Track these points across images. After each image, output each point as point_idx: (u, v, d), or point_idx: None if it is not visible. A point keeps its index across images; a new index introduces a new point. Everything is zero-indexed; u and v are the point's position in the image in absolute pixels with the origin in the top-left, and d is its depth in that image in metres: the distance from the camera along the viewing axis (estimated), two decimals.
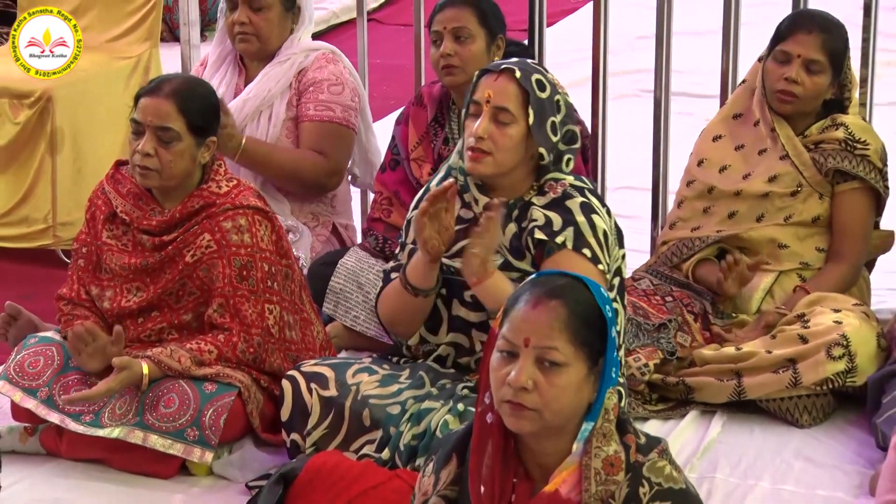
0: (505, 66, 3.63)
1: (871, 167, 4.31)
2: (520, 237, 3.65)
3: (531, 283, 2.68)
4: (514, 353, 2.62)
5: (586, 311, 2.63)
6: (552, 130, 3.63)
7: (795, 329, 4.11)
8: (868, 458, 3.90)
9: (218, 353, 3.83)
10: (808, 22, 4.34)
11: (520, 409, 2.59)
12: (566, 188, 3.65)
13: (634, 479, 2.62)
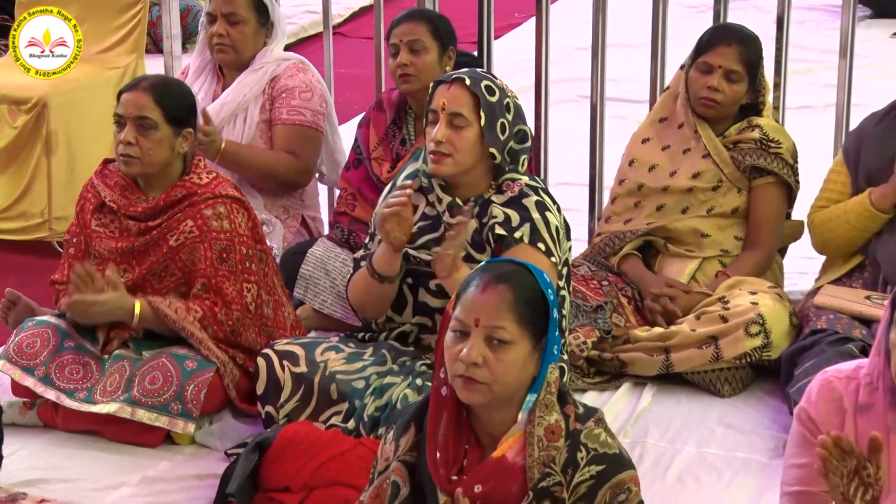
0: (456, 76, 3.63)
1: (783, 164, 4.34)
2: (481, 232, 3.65)
3: (481, 270, 2.69)
4: (466, 332, 2.62)
5: (531, 295, 2.64)
6: (503, 130, 3.63)
7: (717, 310, 4.14)
8: (782, 424, 3.92)
9: (202, 314, 3.85)
10: (727, 35, 4.36)
11: (471, 383, 2.60)
12: (522, 187, 3.66)
13: (573, 445, 2.63)
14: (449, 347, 2.64)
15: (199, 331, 3.84)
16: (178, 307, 3.84)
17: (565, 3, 7.60)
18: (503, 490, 2.62)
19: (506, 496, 2.63)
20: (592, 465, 2.62)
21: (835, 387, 2.77)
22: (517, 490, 2.62)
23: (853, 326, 3.98)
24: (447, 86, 3.62)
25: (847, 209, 4.17)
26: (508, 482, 2.62)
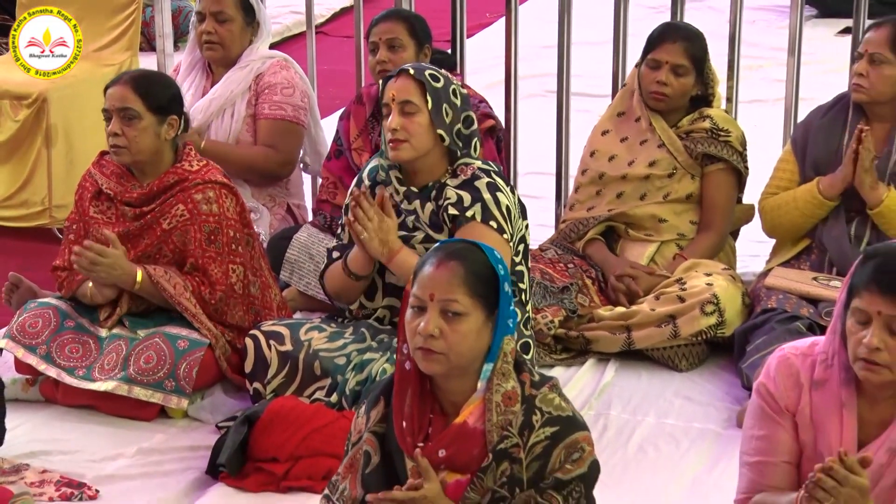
0: (402, 69, 3.66)
1: (733, 151, 4.35)
2: (437, 214, 3.66)
3: (435, 249, 2.70)
4: (423, 307, 2.63)
5: (481, 270, 2.64)
6: (449, 113, 3.64)
7: (674, 291, 4.15)
8: (735, 396, 3.95)
9: (193, 289, 3.86)
10: (673, 33, 4.36)
11: (430, 354, 2.61)
12: (475, 171, 3.66)
13: (528, 409, 2.63)
14: (408, 322, 2.65)
15: (193, 306, 3.85)
16: (177, 283, 3.85)
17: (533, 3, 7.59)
18: (465, 453, 2.63)
19: (468, 459, 2.63)
20: (547, 426, 2.62)
21: (792, 363, 2.77)
22: (478, 453, 2.63)
23: (801, 305, 4.00)
24: (394, 79, 3.65)
25: (796, 197, 4.18)
26: (470, 446, 2.63)
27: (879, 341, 2.60)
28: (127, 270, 3.83)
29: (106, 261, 3.81)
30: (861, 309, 2.63)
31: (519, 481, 2.62)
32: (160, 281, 3.83)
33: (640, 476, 3.60)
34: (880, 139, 4.10)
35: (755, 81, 5.82)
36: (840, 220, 4.12)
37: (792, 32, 4.59)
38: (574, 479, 2.62)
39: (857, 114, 4.14)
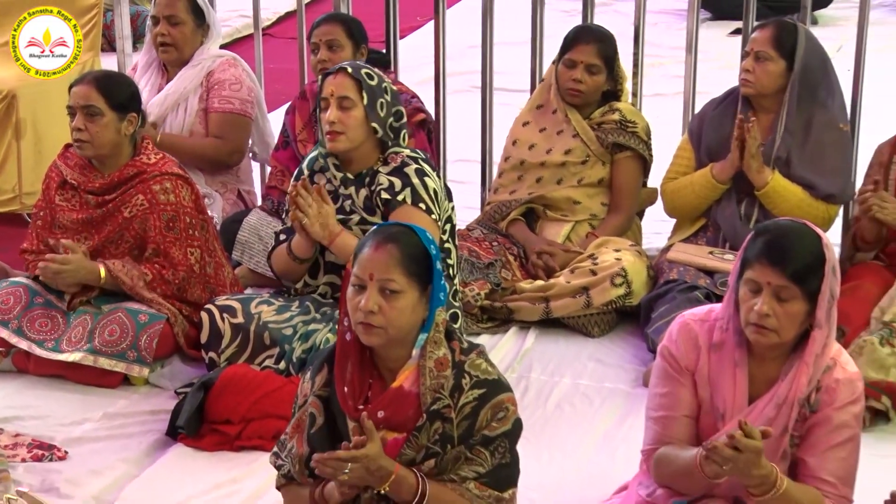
0: (340, 67, 3.64)
1: (639, 140, 4.36)
2: (371, 198, 3.65)
3: (373, 233, 2.68)
4: (363, 285, 2.61)
5: (415, 251, 2.63)
6: (382, 108, 3.62)
7: (587, 265, 4.16)
8: (642, 358, 3.97)
9: (152, 277, 3.82)
10: (587, 35, 4.37)
11: (370, 328, 2.60)
12: (404, 158, 3.65)
13: (458, 374, 2.63)
14: (350, 299, 2.63)
15: (148, 293, 3.81)
16: (134, 275, 3.80)
17: (459, 7, 7.58)
18: (402, 414, 2.62)
19: (404, 419, 2.63)
20: (475, 389, 2.62)
21: (691, 328, 2.79)
22: (413, 413, 2.62)
23: (699, 276, 4.03)
24: (333, 76, 3.62)
25: (693, 181, 4.21)
26: (406, 407, 2.62)
27: (769, 308, 2.62)
28: (90, 269, 3.79)
29: (69, 268, 3.78)
30: (753, 279, 2.65)
31: (450, 438, 2.62)
32: (119, 275, 3.79)
33: (558, 431, 3.62)
34: (765, 128, 4.13)
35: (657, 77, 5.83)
36: (731, 200, 4.15)
37: (689, 33, 4.61)
38: (499, 435, 2.63)
39: (746, 105, 4.17)
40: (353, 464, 2.52)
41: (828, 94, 4.12)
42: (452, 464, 2.62)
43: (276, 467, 2.76)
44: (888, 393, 3.57)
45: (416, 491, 2.59)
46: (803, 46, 4.05)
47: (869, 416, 3.48)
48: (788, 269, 2.61)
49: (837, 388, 2.68)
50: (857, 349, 3.61)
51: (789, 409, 2.68)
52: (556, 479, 3.34)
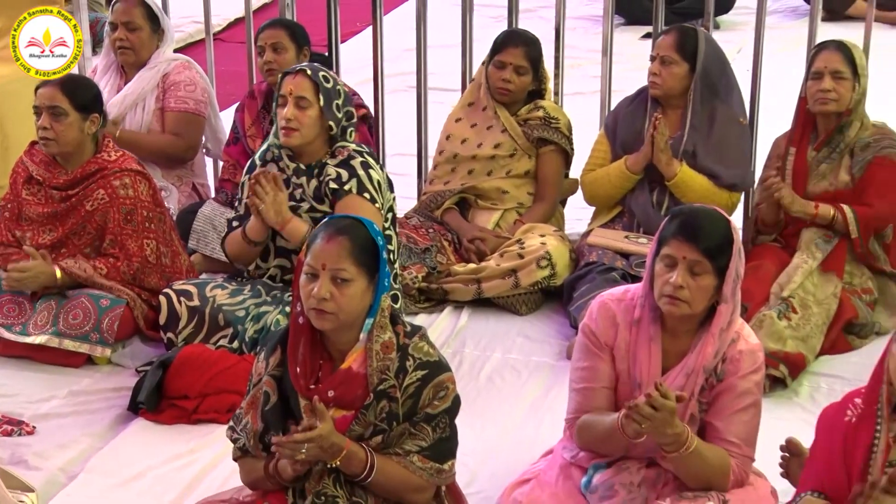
0: (300, 68, 3.62)
1: (562, 135, 4.37)
2: (319, 188, 3.63)
3: (324, 225, 2.66)
4: (316, 274, 2.59)
5: (364, 242, 2.61)
6: (336, 110, 3.61)
7: (515, 249, 4.17)
8: (565, 334, 3.99)
9: (107, 271, 3.78)
10: (515, 39, 4.36)
11: (322, 314, 2.57)
12: (350, 152, 3.64)
13: (403, 356, 2.62)
14: (303, 286, 2.61)
15: (106, 281, 3.77)
16: (87, 268, 3.76)
17: (395, 13, 7.54)
18: (350, 394, 2.61)
19: (352, 398, 2.61)
20: (418, 370, 2.61)
21: (609, 307, 2.81)
22: (361, 393, 2.60)
23: (616, 259, 4.05)
24: (293, 76, 3.60)
25: (609, 172, 4.22)
26: (354, 387, 2.60)
27: (683, 280, 2.65)
28: (49, 273, 3.74)
29: (28, 275, 3.73)
30: (669, 255, 2.67)
31: (395, 416, 2.61)
32: (74, 271, 3.75)
33: (490, 402, 3.62)
34: (673, 123, 4.16)
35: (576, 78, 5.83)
36: (644, 190, 4.17)
37: (605, 37, 4.62)
38: (441, 412, 2.62)
39: (655, 104, 4.19)
40: (309, 444, 2.50)
41: (727, 92, 4.16)
42: (397, 439, 2.62)
43: (233, 441, 2.74)
44: (785, 362, 3.62)
45: (365, 464, 2.58)
46: (703, 50, 4.08)
47: (768, 384, 3.53)
48: (702, 244, 2.63)
49: (741, 359, 2.71)
50: (758, 323, 3.65)
51: (696, 378, 2.70)
52: (488, 446, 3.34)
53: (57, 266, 3.75)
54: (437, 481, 2.65)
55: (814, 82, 3.87)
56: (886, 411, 2.37)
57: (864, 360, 3.65)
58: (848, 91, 3.85)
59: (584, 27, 7.33)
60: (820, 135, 3.96)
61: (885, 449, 2.34)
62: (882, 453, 2.34)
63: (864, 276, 3.92)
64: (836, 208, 3.84)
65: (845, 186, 3.91)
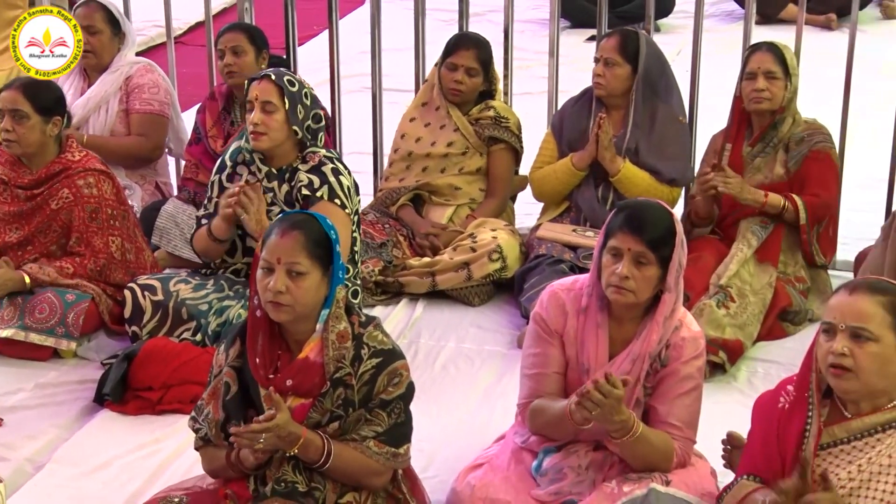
0: (265, 74, 3.59)
1: (511, 134, 4.37)
2: (291, 193, 3.60)
3: (279, 220, 2.64)
4: (272, 268, 2.57)
5: (318, 236, 2.60)
6: (302, 113, 3.57)
7: (468, 243, 4.16)
8: (516, 324, 3.99)
9: (73, 270, 3.73)
10: (466, 41, 4.35)
11: (279, 306, 2.56)
12: (321, 158, 3.61)
13: (358, 345, 2.61)
14: (259, 280, 2.59)
15: (71, 281, 3.72)
16: (50, 272, 3.71)
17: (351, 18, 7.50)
18: (308, 382, 2.59)
19: (310, 387, 2.59)
20: (373, 358, 2.60)
21: (559, 296, 2.81)
22: (318, 381, 2.59)
23: (564, 251, 4.06)
24: (258, 81, 3.56)
25: (556, 169, 4.23)
26: (311, 376, 2.59)
27: (628, 271, 2.65)
28: (16, 280, 3.68)
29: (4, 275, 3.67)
30: (615, 246, 2.68)
31: (352, 403, 2.59)
32: (38, 276, 3.69)
33: (444, 389, 3.62)
34: (616, 122, 4.17)
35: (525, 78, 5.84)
36: (590, 186, 4.18)
37: (551, 39, 4.62)
38: (395, 398, 2.61)
39: (599, 103, 4.20)
40: (266, 434, 2.48)
41: (668, 92, 4.18)
42: (354, 425, 2.61)
43: (195, 430, 2.71)
44: (724, 348, 3.65)
45: (323, 451, 2.56)
46: (644, 52, 4.10)
47: (708, 369, 3.55)
48: (646, 236, 2.64)
49: (683, 346, 2.72)
50: (699, 311, 3.67)
51: (642, 363, 2.71)
52: (443, 432, 3.34)
53: (25, 272, 3.68)
54: (394, 465, 2.64)
55: (748, 82, 3.91)
56: (817, 398, 2.39)
57: (797, 345, 3.69)
58: (780, 90, 3.89)
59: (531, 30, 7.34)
60: (755, 131, 3.99)
61: (816, 434, 2.36)
62: (814, 438, 2.36)
63: (797, 266, 3.96)
64: (786, 197, 3.88)
65: (780, 179, 3.95)
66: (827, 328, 2.35)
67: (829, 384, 2.39)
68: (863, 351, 2.30)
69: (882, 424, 2.34)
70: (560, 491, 2.74)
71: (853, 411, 2.37)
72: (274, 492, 2.57)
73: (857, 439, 2.35)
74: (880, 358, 2.30)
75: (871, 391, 2.34)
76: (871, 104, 5.78)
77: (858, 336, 2.31)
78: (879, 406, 2.35)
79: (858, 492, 2.31)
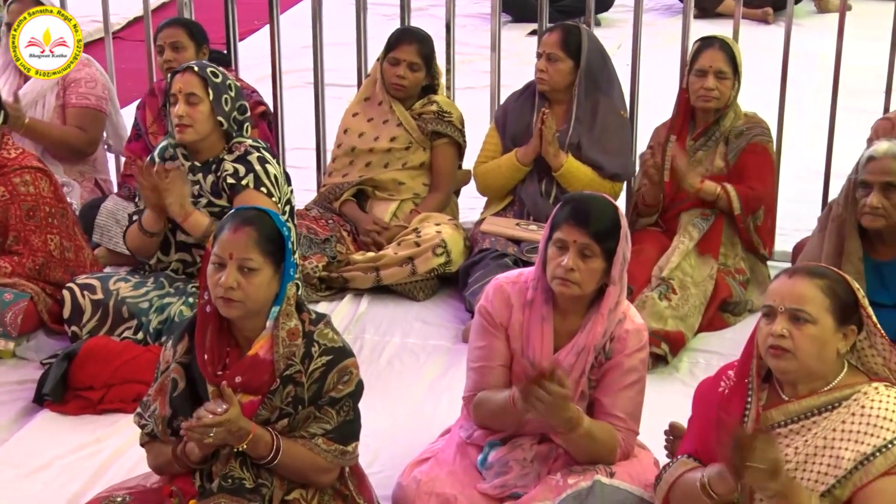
0: (187, 66, 3.56)
1: (454, 129, 4.37)
2: (217, 183, 3.57)
3: (232, 215, 2.63)
4: (223, 263, 2.55)
5: (270, 233, 2.58)
6: (227, 104, 3.55)
7: (412, 238, 4.16)
8: (461, 318, 4.00)
9: (11, 269, 3.66)
10: (408, 36, 4.34)
11: (229, 302, 2.54)
12: (247, 147, 3.59)
13: (308, 342, 2.60)
14: (210, 276, 2.57)
15: (9, 280, 3.65)
16: None
17: (292, 12, 7.44)
18: (257, 379, 2.58)
19: (259, 384, 2.58)
20: (323, 356, 2.59)
21: (504, 289, 2.82)
22: (268, 378, 2.58)
23: (508, 245, 4.07)
24: (181, 74, 3.54)
25: (500, 164, 4.24)
26: (261, 373, 2.58)
27: (574, 263, 2.67)
28: None
29: None
30: (561, 238, 2.69)
31: (301, 400, 2.59)
32: None
33: (390, 384, 3.61)
34: (559, 117, 4.19)
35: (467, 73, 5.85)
36: (534, 180, 4.20)
37: (493, 34, 4.63)
38: (345, 396, 2.61)
39: (542, 98, 4.22)
40: (217, 428, 2.47)
41: (609, 86, 4.21)
42: (303, 422, 2.60)
43: (140, 426, 2.69)
44: (666, 340, 3.69)
45: (271, 447, 2.55)
46: (586, 47, 4.12)
47: (651, 361, 3.58)
48: (591, 228, 2.66)
49: (627, 338, 2.74)
50: (641, 304, 3.71)
51: (587, 356, 2.73)
52: (388, 427, 3.33)
53: None
54: (341, 463, 2.63)
55: (698, 79, 3.95)
56: (756, 383, 2.43)
57: (737, 335, 3.74)
58: (728, 89, 3.94)
59: (473, 24, 7.35)
60: (698, 126, 4.04)
61: (755, 418, 2.40)
62: (752, 422, 2.40)
63: (737, 258, 4.02)
64: (720, 186, 3.93)
65: (720, 172, 4.00)
66: (767, 311, 2.39)
67: (768, 369, 2.43)
68: (801, 333, 2.34)
69: (818, 407, 2.38)
70: (505, 484, 2.75)
71: (790, 394, 2.42)
72: (220, 488, 2.55)
73: (794, 422, 2.39)
74: (818, 340, 2.34)
75: (809, 373, 2.38)
76: (807, 97, 5.88)
77: (797, 318, 2.35)
78: (816, 389, 2.40)
79: (795, 473, 2.35)
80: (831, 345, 2.36)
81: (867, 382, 2.39)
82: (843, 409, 2.36)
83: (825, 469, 2.34)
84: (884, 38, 4.40)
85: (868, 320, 2.39)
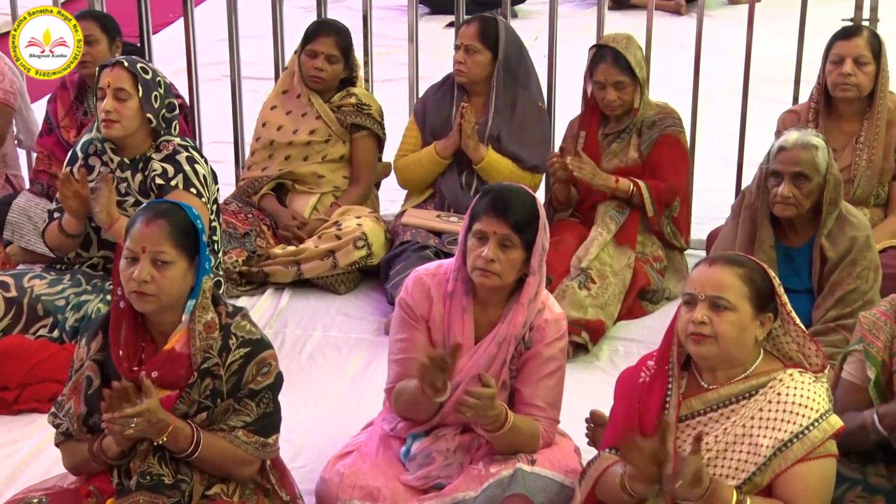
0: (116, 61, 3.51)
1: (374, 121, 4.37)
2: (145, 183, 3.53)
3: (143, 209, 2.61)
4: (136, 258, 2.53)
5: (184, 225, 2.57)
6: (156, 101, 3.51)
7: (333, 231, 4.15)
8: (383, 311, 4.00)
9: None
10: (326, 28, 4.32)
11: (143, 296, 2.52)
12: (175, 146, 3.55)
13: (226, 335, 2.59)
14: (123, 270, 2.55)
15: None
16: None
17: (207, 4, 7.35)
18: (174, 373, 2.56)
19: (176, 378, 2.57)
20: (241, 348, 2.58)
21: (424, 281, 2.83)
22: (185, 372, 2.56)
23: (429, 237, 4.09)
24: (110, 68, 3.49)
25: (420, 157, 4.25)
26: (178, 367, 2.56)
27: (494, 254, 2.69)
28: None
29: None
30: (481, 230, 2.71)
31: (220, 393, 2.57)
32: None
33: (312, 378, 3.61)
34: (478, 109, 4.22)
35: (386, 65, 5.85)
36: (454, 173, 4.22)
37: (410, 26, 4.63)
38: (264, 388, 2.60)
39: (461, 90, 4.24)
40: (138, 419, 2.45)
41: (527, 78, 4.24)
42: (222, 415, 2.59)
43: (55, 426, 2.65)
44: (586, 329, 3.74)
45: (191, 440, 2.54)
46: (504, 38, 4.15)
47: (571, 350, 3.63)
48: (511, 219, 2.68)
49: (546, 327, 2.77)
50: (561, 293, 3.75)
51: (507, 346, 2.75)
52: (311, 421, 3.33)
53: None
54: (262, 455, 2.62)
55: (599, 91, 4.00)
56: (677, 370, 2.48)
57: (656, 323, 3.80)
58: (630, 94, 4.00)
59: (391, 16, 7.34)
60: (609, 120, 4.09)
61: (676, 405, 2.44)
62: (674, 408, 2.44)
63: (654, 246, 4.09)
64: (634, 183, 3.98)
65: (634, 163, 4.06)
66: (688, 299, 2.44)
67: (687, 357, 2.48)
68: (721, 319, 2.40)
69: (736, 395, 2.44)
70: (429, 475, 2.76)
71: (709, 381, 2.47)
72: (139, 485, 2.53)
73: (713, 410, 2.44)
74: (737, 326, 2.40)
75: (728, 359, 2.44)
76: (720, 86, 6.00)
77: (717, 305, 2.40)
78: (734, 376, 2.45)
79: (716, 461, 2.40)
80: (750, 331, 2.42)
81: (782, 369, 2.46)
82: (760, 396, 2.42)
83: (745, 457, 2.39)
84: (793, 28, 4.50)
85: (783, 308, 2.46)
